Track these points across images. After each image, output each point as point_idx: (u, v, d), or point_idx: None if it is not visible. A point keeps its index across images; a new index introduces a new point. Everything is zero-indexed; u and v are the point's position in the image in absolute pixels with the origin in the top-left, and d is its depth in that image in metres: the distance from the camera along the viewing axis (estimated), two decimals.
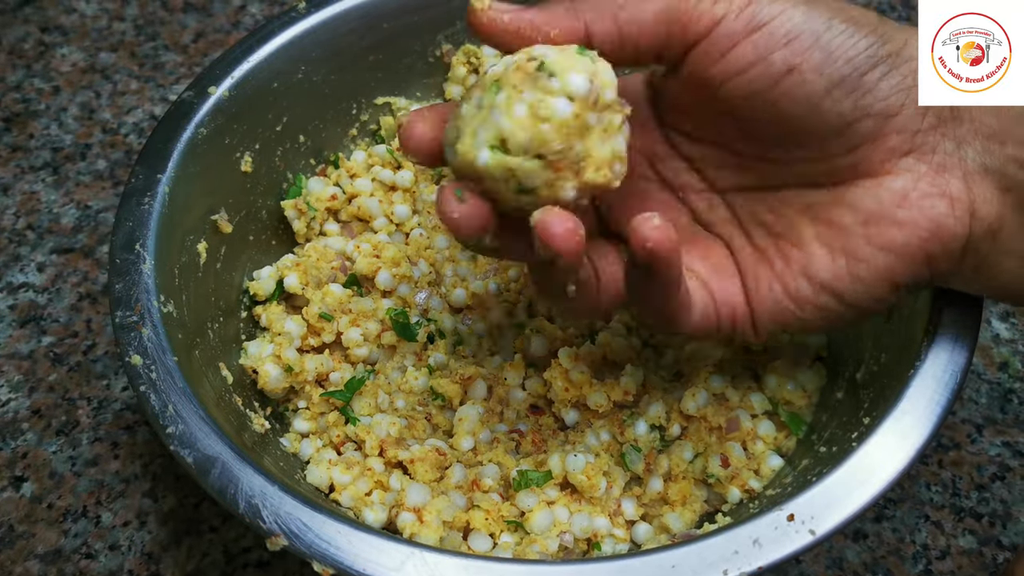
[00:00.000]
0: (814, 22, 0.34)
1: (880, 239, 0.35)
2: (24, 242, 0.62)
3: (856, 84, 0.34)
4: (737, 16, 0.34)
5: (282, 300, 0.52)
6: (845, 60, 0.34)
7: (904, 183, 0.35)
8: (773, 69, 0.34)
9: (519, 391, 0.49)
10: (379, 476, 0.46)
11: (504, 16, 0.34)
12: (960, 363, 0.39)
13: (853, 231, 0.36)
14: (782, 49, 0.34)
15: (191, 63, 0.73)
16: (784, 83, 0.34)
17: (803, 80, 0.34)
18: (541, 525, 0.44)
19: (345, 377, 0.49)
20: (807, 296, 0.37)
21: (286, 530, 0.36)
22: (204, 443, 0.38)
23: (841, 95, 0.34)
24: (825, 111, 0.34)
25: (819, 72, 0.34)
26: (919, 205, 0.35)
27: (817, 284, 0.37)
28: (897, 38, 0.35)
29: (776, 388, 0.48)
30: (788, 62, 0.34)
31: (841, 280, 0.36)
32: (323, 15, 0.53)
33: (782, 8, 0.34)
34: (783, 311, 0.38)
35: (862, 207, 0.36)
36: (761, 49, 0.34)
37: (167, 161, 0.47)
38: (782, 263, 0.38)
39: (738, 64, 0.34)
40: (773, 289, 0.38)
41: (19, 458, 0.53)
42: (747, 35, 0.34)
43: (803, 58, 0.34)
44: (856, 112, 0.34)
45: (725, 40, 0.34)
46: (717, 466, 0.45)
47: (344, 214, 0.55)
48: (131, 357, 0.41)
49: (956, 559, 0.49)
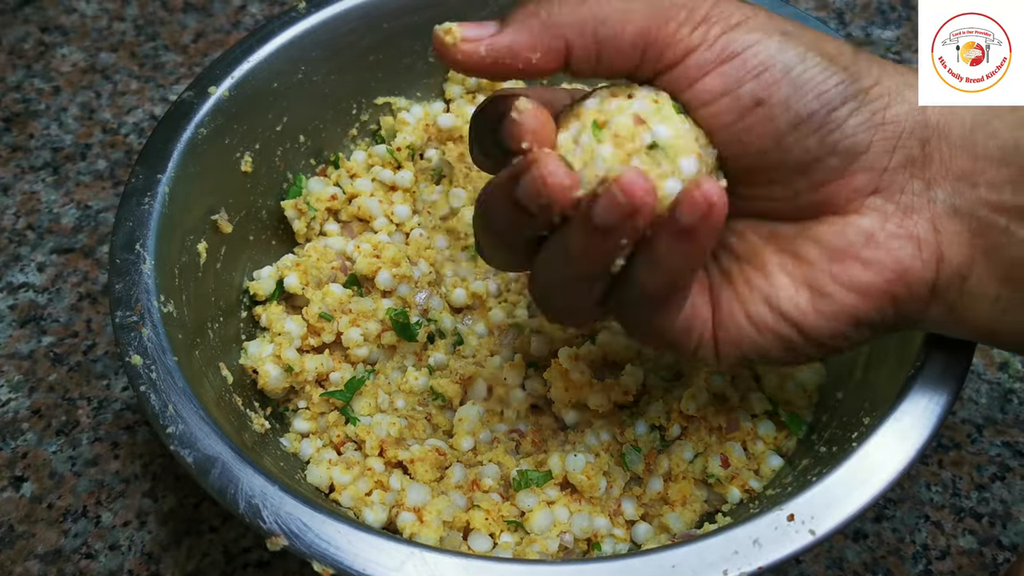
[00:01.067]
0: (787, 55, 0.33)
1: (844, 277, 0.35)
2: (24, 242, 0.62)
3: (824, 120, 0.33)
4: (711, 45, 0.33)
5: (282, 300, 0.52)
6: (815, 95, 0.33)
7: (870, 223, 0.34)
8: (741, 102, 0.33)
9: (519, 391, 0.49)
10: (379, 476, 0.46)
11: (480, 48, 0.33)
12: (960, 363, 0.39)
13: (818, 266, 0.35)
14: (751, 81, 0.33)
15: (191, 63, 0.73)
16: (751, 117, 0.33)
17: (770, 114, 0.33)
18: (541, 525, 0.44)
19: (345, 377, 0.49)
20: (768, 323, 0.36)
21: (286, 530, 0.36)
22: (204, 443, 0.38)
23: (808, 131, 0.33)
24: (790, 147, 0.34)
25: (786, 107, 0.33)
26: (885, 246, 0.34)
27: (778, 313, 0.36)
28: (870, 74, 0.34)
29: (776, 388, 0.48)
30: (756, 95, 0.33)
31: (804, 313, 0.35)
32: (323, 15, 0.53)
33: (757, 39, 0.33)
34: (743, 337, 0.37)
35: (828, 243, 0.35)
36: (730, 80, 0.33)
37: (167, 161, 0.47)
38: (745, 288, 0.37)
39: (707, 94, 0.33)
40: (735, 313, 0.37)
41: (19, 458, 0.53)
42: (718, 65, 0.33)
43: (771, 91, 0.33)
44: (822, 149, 0.33)
45: (696, 69, 0.33)
46: (717, 466, 0.45)
47: (344, 214, 0.55)
48: (131, 357, 0.41)
49: (956, 559, 0.49)
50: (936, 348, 0.39)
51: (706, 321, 0.37)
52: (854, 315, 0.35)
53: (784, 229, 0.36)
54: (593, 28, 0.33)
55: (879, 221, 0.34)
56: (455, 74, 0.58)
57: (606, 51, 0.33)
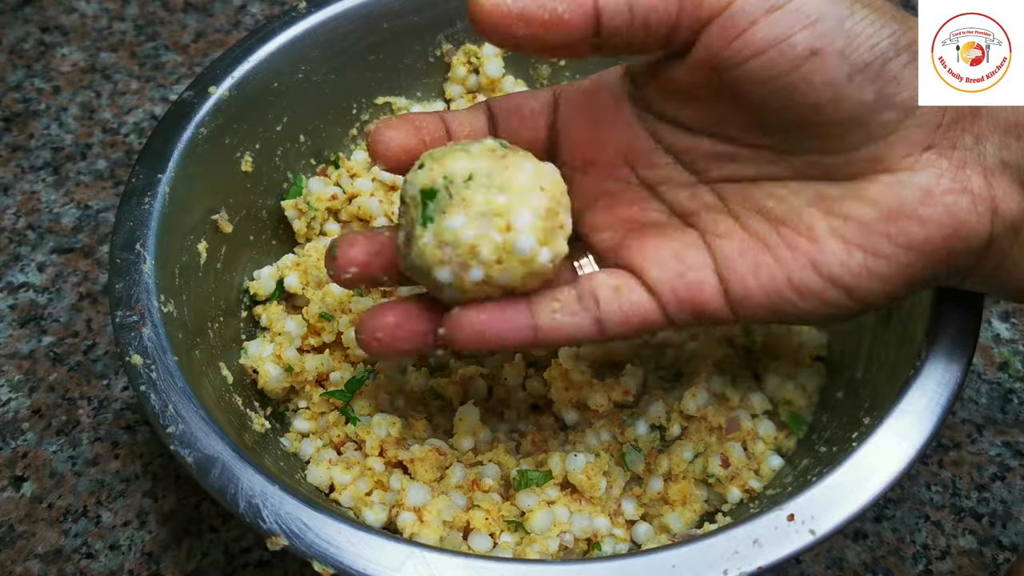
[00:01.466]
0: (836, 6, 0.32)
1: (902, 236, 0.34)
2: (24, 242, 0.62)
3: (880, 72, 0.32)
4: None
5: (282, 300, 0.52)
6: (869, 47, 0.32)
7: (926, 179, 0.34)
8: (795, 51, 0.32)
9: (519, 391, 0.49)
10: (379, 476, 0.46)
11: (509, 1, 0.32)
12: (960, 363, 0.39)
13: (873, 227, 0.34)
14: (804, 30, 0.32)
15: (191, 63, 0.73)
16: (805, 67, 0.32)
17: (826, 64, 0.32)
18: (541, 525, 0.44)
19: (345, 377, 0.49)
20: (814, 289, 0.35)
21: (286, 530, 0.36)
22: (204, 443, 0.38)
23: (865, 82, 0.32)
24: (847, 99, 0.33)
25: (843, 57, 0.32)
26: (942, 202, 0.33)
27: (827, 278, 0.35)
28: (917, 27, 0.34)
29: (776, 388, 0.48)
30: (811, 45, 0.32)
31: (856, 276, 0.35)
32: (323, 15, 0.53)
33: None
34: (783, 301, 0.36)
35: (882, 202, 0.34)
36: (782, 29, 0.32)
37: (167, 161, 0.47)
38: (787, 252, 0.36)
39: (756, 44, 0.32)
40: (775, 277, 0.36)
41: (19, 458, 0.53)
42: (767, 13, 0.32)
43: (826, 41, 0.32)
44: (879, 101, 0.33)
45: (743, 17, 0.32)
46: (717, 466, 0.45)
47: (344, 214, 0.55)
48: (131, 357, 0.41)
49: (956, 559, 0.49)
50: (936, 348, 0.39)
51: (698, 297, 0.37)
52: (909, 274, 0.34)
53: (831, 190, 0.35)
54: None
55: (934, 177, 0.34)
56: (455, 74, 0.58)
57: (640, 8, 0.33)
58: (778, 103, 0.34)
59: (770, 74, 0.33)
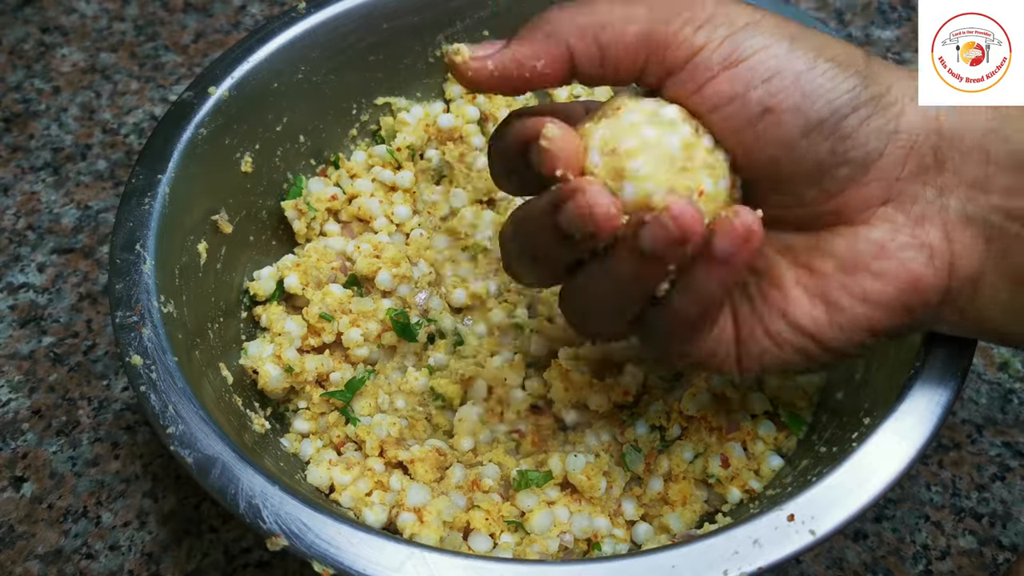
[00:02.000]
0: (796, 60, 0.33)
1: (857, 289, 0.34)
2: (24, 242, 0.62)
3: (835, 128, 0.33)
4: (717, 48, 0.33)
5: (282, 300, 0.52)
6: (825, 102, 0.32)
7: (882, 234, 0.34)
8: (749, 108, 0.33)
9: (519, 391, 0.49)
10: (379, 476, 0.46)
11: (488, 64, 0.34)
12: (960, 364, 0.39)
13: (832, 278, 0.35)
14: (760, 87, 0.32)
15: (191, 63, 0.73)
16: (760, 124, 0.33)
17: (779, 121, 0.33)
18: (541, 525, 0.44)
19: (345, 377, 0.49)
20: (786, 337, 0.36)
21: (286, 530, 0.36)
22: (204, 443, 0.38)
23: (819, 139, 0.33)
24: (801, 156, 0.33)
25: (797, 113, 0.32)
26: (897, 257, 0.34)
27: (796, 327, 0.36)
28: (882, 80, 0.33)
29: (776, 388, 0.48)
30: (765, 102, 0.32)
31: (820, 327, 0.35)
32: (323, 15, 0.53)
33: (764, 43, 0.33)
34: (764, 351, 0.37)
35: (839, 255, 0.35)
36: (738, 86, 0.33)
37: (167, 161, 0.47)
38: (763, 303, 0.37)
39: (714, 99, 0.33)
40: (754, 330, 0.37)
41: (19, 458, 0.53)
42: (725, 69, 0.33)
43: (780, 99, 0.32)
44: (834, 158, 0.33)
45: (703, 72, 0.33)
46: (717, 466, 0.45)
47: (344, 214, 0.55)
48: (131, 357, 0.41)
49: (956, 559, 0.49)
50: (936, 348, 0.39)
51: (730, 341, 0.37)
52: (868, 326, 0.35)
53: (797, 241, 0.36)
54: (594, 33, 0.33)
55: (890, 232, 0.34)
56: None
57: (609, 55, 0.33)
58: (741, 157, 0.34)
59: (729, 128, 0.33)
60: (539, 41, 0.34)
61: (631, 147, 0.32)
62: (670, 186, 0.32)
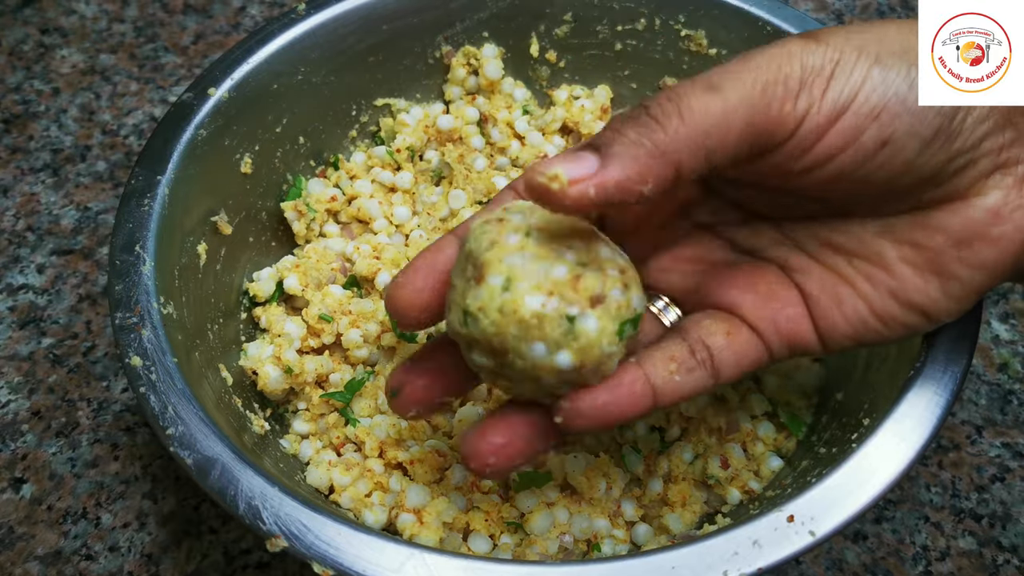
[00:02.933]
0: (894, 81, 0.32)
1: (974, 259, 0.34)
2: (24, 243, 0.62)
3: (948, 132, 0.32)
4: (819, 108, 0.32)
5: (282, 301, 0.52)
6: (936, 112, 0.32)
7: (995, 200, 0.34)
8: (865, 149, 0.32)
9: None
10: (379, 477, 0.46)
11: (591, 192, 0.30)
12: (960, 364, 0.39)
13: (944, 252, 0.35)
14: (871, 126, 0.32)
15: (191, 64, 0.73)
16: (877, 159, 0.33)
17: (896, 149, 0.32)
18: (541, 526, 0.44)
19: (345, 378, 0.49)
20: (895, 315, 0.36)
21: (286, 531, 0.36)
22: (204, 444, 0.38)
23: (936, 148, 0.33)
24: (919, 168, 0.33)
25: (912, 136, 0.32)
26: (1011, 219, 0.34)
27: (907, 305, 0.36)
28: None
29: (776, 389, 0.48)
30: (880, 138, 0.32)
31: (933, 300, 0.35)
32: (323, 17, 0.53)
33: (860, 78, 0.32)
34: (868, 329, 0.36)
35: (950, 228, 0.34)
36: (849, 134, 0.32)
37: (167, 162, 0.47)
38: (865, 283, 0.36)
39: (826, 154, 0.33)
40: (858, 309, 0.36)
41: (19, 459, 0.53)
42: (831, 124, 0.32)
43: (894, 128, 0.32)
44: (949, 157, 0.33)
45: (811, 135, 0.32)
46: (717, 467, 0.45)
47: (344, 215, 0.55)
48: (131, 358, 0.41)
49: (956, 560, 0.49)
50: (936, 349, 0.39)
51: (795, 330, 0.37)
52: (983, 289, 0.35)
53: (896, 221, 0.36)
54: (701, 143, 0.31)
55: (1002, 197, 0.34)
56: (454, 75, 0.58)
57: (716, 158, 0.32)
58: (856, 189, 0.34)
59: (840, 173, 0.33)
60: (643, 162, 0.31)
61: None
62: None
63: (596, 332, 0.31)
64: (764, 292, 0.38)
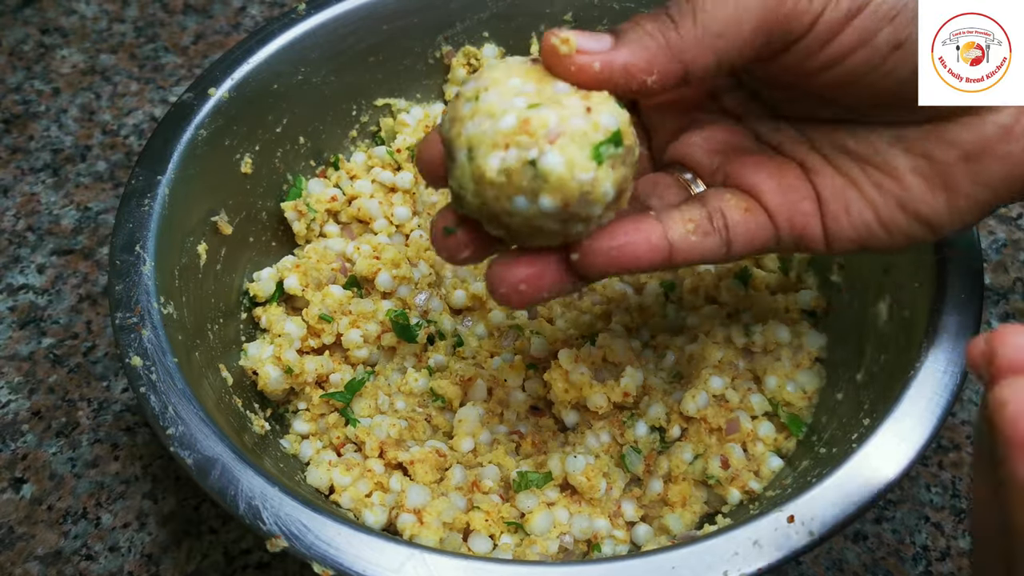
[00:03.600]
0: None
1: (984, 174, 0.35)
2: (24, 244, 0.62)
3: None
4: (837, 3, 0.32)
5: (282, 301, 0.52)
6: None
7: (1008, 118, 0.34)
8: (878, 50, 0.33)
9: (519, 392, 0.49)
10: (379, 477, 0.46)
11: (596, 65, 0.31)
12: (960, 364, 0.39)
13: (953, 166, 0.35)
14: (887, 27, 0.33)
15: (191, 65, 0.73)
16: (889, 62, 0.33)
17: (909, 54, 0.33)
18: (541, 526, 0.44)
19: (345, 378, 0.49)
20: (900, 224, 0.37)
21: (286, 531, 0.36)
22: (204, 444, 0.38)
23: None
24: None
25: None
26: (1022, 139, 0.34)
27: (913, 215, 0.36)
28: None
29: (776, 389, 0.48)
30: (894, 39, 0.33)
31: (939, 213, 0.36)
32: (323, 17, 0.53)
33: None
34: (871, 235, 0.37)
35: (962, 143, 0.35)
36: (864, 32, 0.33)
37: (167, 163, 0.47)
38: (874, 190, 0.37)
39: (839, 52, 0.33)
40: (863, 214, 0.37)
41: (19, 459, 0.53)
42: (848, 21, 0.33)
43: (909, 31, 0.33)
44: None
45: (826, 31, 0.33)
46: (717, 467, 0.45)
47: (344, 216, 0.55)
48: (131, 358, 0.41)
49: (956, 560, 0.49)
50: (936, 350, 0.39)
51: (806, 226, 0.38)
52: (988, 206, 0.36)
53: (910, 131, 0.36)
54: (711, 44, 0.32)
55: (1015, 115, 0.34)
56: (455, 75, 0.58)
57: (725, 60, 0.33)
58: (862, 94, 0.35)
59: (855, 75, 0.34)
60: (654, 53, 0.32)
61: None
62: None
63: (563, 166, 0.30)
64: (785, 184, 0.38)
